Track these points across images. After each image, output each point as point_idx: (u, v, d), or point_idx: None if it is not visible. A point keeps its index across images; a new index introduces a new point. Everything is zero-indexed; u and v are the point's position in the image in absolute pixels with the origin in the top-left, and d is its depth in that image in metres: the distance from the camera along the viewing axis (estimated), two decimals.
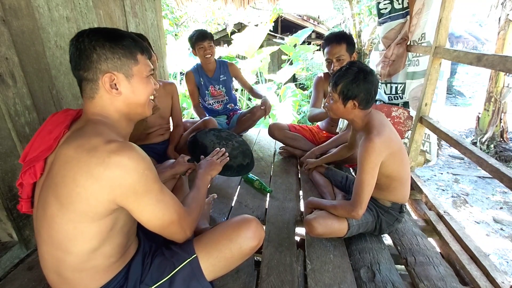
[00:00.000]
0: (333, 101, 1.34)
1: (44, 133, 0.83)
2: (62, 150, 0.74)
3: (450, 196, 3.87)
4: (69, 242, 0.74)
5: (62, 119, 0.85)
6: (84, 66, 0.78)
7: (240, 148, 1.54)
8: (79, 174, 0.69)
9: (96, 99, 0.81)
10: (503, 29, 4.73)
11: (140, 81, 0.84)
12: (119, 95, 0.81)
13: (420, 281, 1.21)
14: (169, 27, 8.45)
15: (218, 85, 2.58)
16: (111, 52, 0.78)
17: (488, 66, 1.42)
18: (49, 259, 0.78)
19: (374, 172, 1.21)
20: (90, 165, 0.68)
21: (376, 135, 1.20)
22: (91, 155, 0.69)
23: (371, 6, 5.41)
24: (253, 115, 2.56)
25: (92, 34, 0.78)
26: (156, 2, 2.47)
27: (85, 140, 0.72)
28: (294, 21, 8.67)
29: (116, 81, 0.80)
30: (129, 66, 0.81)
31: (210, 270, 0.95)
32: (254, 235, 0.99)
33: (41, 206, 0.76)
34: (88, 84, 0.80)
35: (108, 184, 0.70)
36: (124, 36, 0.81)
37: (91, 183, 0.69)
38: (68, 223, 0.72)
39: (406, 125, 2.46)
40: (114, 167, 0.69)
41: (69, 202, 0.70)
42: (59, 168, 0.72)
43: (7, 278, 1.20)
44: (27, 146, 0.84)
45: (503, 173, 1.28)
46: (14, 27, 1.25)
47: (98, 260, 0.79)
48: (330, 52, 1.85)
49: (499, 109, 5.01)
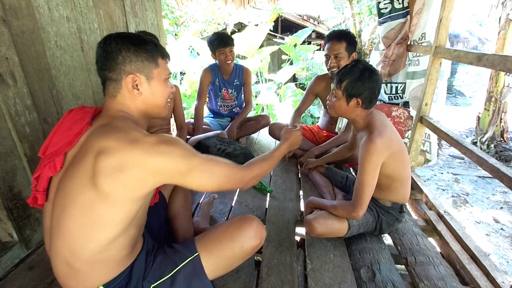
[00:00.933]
0: (336, 98, 1.33)
1: (63, 129, 0.87)
2: (95, 143, 0.78)
3: (450, 196, 3.87)
4: (96, 228, 0.77)
5: (80, 116, 0.89)
6: (110, 67, 0.85)
7: (242, 150, 1.55)
8: (125, 162, 0.74)
9: (118, 98, 0.87)
10: (503, 28, 4.72)
11: (159, 83, 0.91)
12: (140, 95, 0.88)
13: (420, 281, 1.21)
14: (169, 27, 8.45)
15: (231, 89, 2.56)
16: (135, 55, 0.85)
17: (489, 66, 1.42)
18: (65, 249, 0.79)
19: (375, 173, 1.21)
20: (134, 155, 0.75)
21: (378, 136, 1.20)
22: (134, 146, 0.76)
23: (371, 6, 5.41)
24: (258, 123, 2.57)
25: (119, 38, 0.85)
26: (156, 2, 2.47)
27: (123, 133, 0.78)
28: (294, 21, 8.67)
29: (137, 82, 0.86)
30: (150, 69, 0.88)
31: (212, 269, 0.95)
32: (255, 234, 1.00)
33: (68, 195, 0.79)
34: (112, 84, 0.87)
35: (153, 170, 0.77)
36: (147, 41, 0.88)
37: (137, 170, 0.75)
38: (104, 208, 0.76)
39: (406, 125, 2.47)
40: (158, 155, 0.76)
41: (112, 188, 0.75)
42: (96, 159, 0.75)
43: (8, 278, 1.21)
44: (46, 141, 0.88)
45: (503, 173, 1.28)
46: (14, 27, 1.25)
47: (113, 251, 0.82)
48: (330, 48, 1.87)
49: (500, 109, 5.01)
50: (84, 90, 1.68)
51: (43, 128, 1.41)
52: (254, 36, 5.48)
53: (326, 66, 1.95)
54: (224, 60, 2.34)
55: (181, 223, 1.26)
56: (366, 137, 1.23)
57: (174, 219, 1.27)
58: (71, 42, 1.57)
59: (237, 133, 2.58)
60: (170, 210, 1.29)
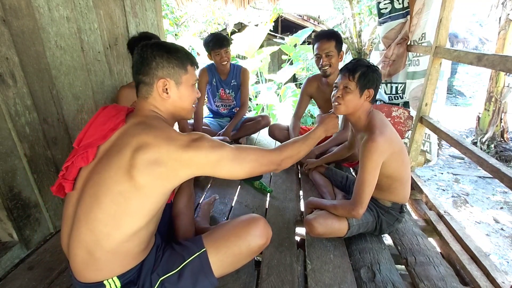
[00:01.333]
0: (347, 92, 1.27)
1: (97, 123, 0.94)
2: (132, 139, 0.85)
3: (451, 196, 3.87)
4: (125, 217, 0.83)
5: (114, 113, 0.95)
6: (144, 71, 0.93)
7: None
8: (161, 157, 0.82)
9: (149, 99, 0.96)
10: (503, 28, 4.72)
11: (187, 88, 0.99)
12: (168, 99, 0.96)
13: (420, 281, 1.21)
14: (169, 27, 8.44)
15: (228, 89, 2.56)
16: (167, 62, 0.93)
17: (489, 66, 1.42)
18: (89, 237, 0.83)
19: (376, 172, 1.21)
20: (170, 150, 0.83)
21: (379, 135, 1.20)
22: (169, 142, 0.84)
23: (371, 6, 5.40)
24: (258, 124, 2.56)
25: (155, 46, 0.94)
26: (156, 2, 2.47)
27: (160, 131, 0.87)
28: (294, 21, 8.66)
29: (167, 86, 0.94)
30: (180, 75, 0.96)
31: (218, 266, 0.98)
32: (262, 233, 1.03)
33: (101, 185, 0.83)
34: (145, 87, 0.95)
35: (186, 162, 0.85)
36: (179, 49, 0.97)
37: (172, 163, 0.84)
38: (136, 199, 0.83)
39: (406, 125, 2.47)
40: (190, 149, 0.85)
41: (147, 180, 0.82)
42: (136, 151, 0.82)
43: (7, 278, 1.21)
44: (81, 133, 0.95)
45: (503, 173, 1.28)
46: (14, 27, 1.25)
47: (134, 243, 0.88)
48: (320, 48, 1.90)
49: (500, 109, 5.01)
50: (84, 90, 1.68)
51: (43, 128, 1.41)
52: (254, 36, 5.49)
53: (318, 66, 1.99)
54: (219, 61, 2.34)
55: (183, 222, 1.26)
56: (368, 137, 1.23)
57: (176, 218, 1.27)
58: (71, 42, 1.57)
59: (237, 134, 2.58)
60: (173, 209, 1.29)
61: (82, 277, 0.86)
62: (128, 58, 2.09)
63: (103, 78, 1.84)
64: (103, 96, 1.84)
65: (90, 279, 0.86)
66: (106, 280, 0.86)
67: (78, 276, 0.87)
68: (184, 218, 1.27)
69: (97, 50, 1.77)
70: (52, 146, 1.47)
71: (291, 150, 1.10)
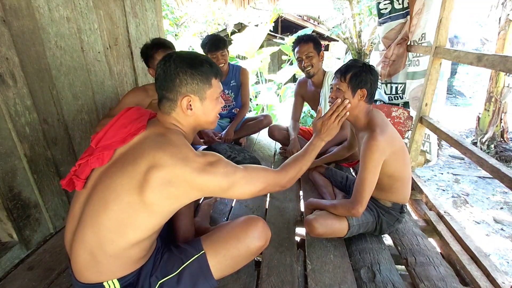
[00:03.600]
0: (340, 93, 1.30)
1: (118, 126, 0.93)
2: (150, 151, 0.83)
3: (451, 196, 3.87)
4: (131, 228, 0.83)
5: (135, 117, 0.94)
6: (167, 87, 0.90)
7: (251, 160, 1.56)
8: (175, 178, 0.81)
9: (172, 115, 0.93)
10: (503, 29, 4.72)
11: (211, 102, 0.96)
12: (193, 115, 0.94)
13: (420, 281, 1.20)
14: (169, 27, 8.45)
15: (228, 90, 2.55)
16: (191, 78, 0.90)
17: (489, 66, 1.42)
18: (93, 239, 0.82)
19: (376, 171, 1.21)
20: (185, 172, 0.82)
21: (380, 133, 1.20)
22: (185, 163, 0.82)
23: (371, 6, 5.41)
24: (260, 123, 2.56)
25: (178, 60, 0.90)
26: (156, 2, 2.47)
27: (177, 149, 0.85)
28: (294, 21, 8.67)
29: (191, 103, 0.92)
30: (204, 90, 0.93)
31: (217, 268, 0.98)
32: (261, 235, 1.03)
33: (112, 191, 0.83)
34: (168, 102, 0.92)
35: (199, 186, 0.85)
36: (203, 62, 0.93)
37: (184, 185, 0.83)
38: (143, 212, 0.82)
39: (406, 125, 2.47)
40: (204, 174, 0.84)
41: (156, 199, 0.81)
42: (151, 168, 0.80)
43: (7, 278, 1.21)
44: (100, 133, 0.93)
45: (503, 173, 1.28)
46: (14, 28, 1.25)
47: (136, 250, 0.87)
48: (300, 51, 2.02)
49: (500, 109, 5.01)
50: (84, 91, 1.68)
51: (43, 128, 1.41)
52: (254, 36, 5.49)
53: (301, 68, 2.09)
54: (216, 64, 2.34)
55: (182, 222, 1.26)
56: (368, 135, 1.23)
57: (176, 219, 1.27)
58: (71, 42, 1.57)
59: (239, 133, 2.58)
60: None
61: (83, 277, 0.86)
62: (128, 58, 2.09)
63: (103, 78, 1.84)
64: (103, 96, 1.84)
65: (90, 280, 0.86)
66: (106, 282, 0.86)
67: (78, 276, 0.87)
68: (184, 218, 1.27)
69: (97, 50, 1.77)
70: (52, 146, 1.47)
71: (294, 170, 1.10)
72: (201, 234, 1.10)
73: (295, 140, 2.20)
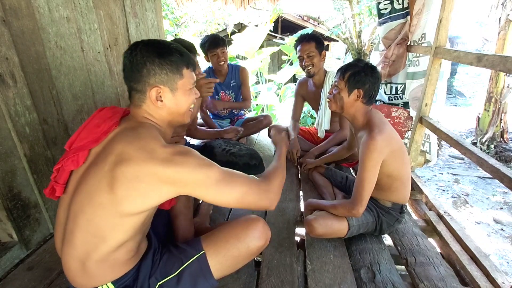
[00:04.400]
0: (337, 90, 1.34)
1: (91, 126, 0.89)
2: (119, 147, 0.80)
3: (450, 197, 3.87)
4: (108, 230, 0.79)
5: (109, 115, 0.91)
6: (135, 78, 0.86)
7: (248, 151, 1.52)
8: (142, 172, 0.76)
9: (142, 107, 0.89)
10: (503, 29, 4.72)
11: (183, 93, 0.91)
12: (163, 107, 0.89)
13: (420, 282, 1.20)
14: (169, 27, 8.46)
15: (228, 90, 2.55)
16: (160, 68, 0.85)
17: (489, 66, 1.42)
18: (81, 246, 0.81)
19: (375, 170, 1.21)
20: (153, 164, 0.77)
21: (378, 133, 1.20)
22: (151, 155, 0.77)
23: (371, 7, 5.41)
24: (260, 123, 2.56)
25: (145, 49, 0.85)
26: (156, 2, 2.47)
27: (144, 142, 0.80)
28: (294, 21, 8.67)
29: (161, 94, 0.87)
30: (175, 81, 0.88)
31: (217, 268, 0.97)
32: (261, 235, 1.02)
33: (86, 193, 0.80)
34: (137, 94, 0.88)
35: (168, 180, 0.78)
36: (172, 51, 0.87)
37: (152, 180, 0.77)
38: (115, 213, 0.78)
39: (406, 126, 2.47)
40: (173, 165, 0.77)
41: (126, 195, 0.77)
42: (120, 164, 0.77)
43: (7, 279, 1.20)
44: (73, 135, 0.90)
45: (503, 174, 1.28)
46: (14, 27, 1.25)
47: (121, 253, 0.85)
48: (301, 50, 2.01)
49: (499, 109, 5.01)
50: (84, 91, 1.68)
51: (43, 128, 1.41)
52: (254, 36, 5.49)
53: (301, 67, 2.09)
54: (216, 62, 2.33)
55: (182, 222, 1.26)
56: (367, 135, 1.23)
57: (175, 219, 1.27)
58: (71, 42, 1.57)
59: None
60: (172, 210, 1.29)
61: (77, 283, 0.85)
62: None
63: (103, 78, 1.84)
64: (103, 97, 1.84)
65: (84, 286, 0.85)
66: (100, 287, 0.85)
67: (72, 282, 0.86)
68: (183, 218, 1.27)
69: (97, 51, 1.77)
70: (52, 146, 1.47)
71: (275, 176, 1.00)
72: (201, 234, 1.09)
73: (295, 140, 2.20)
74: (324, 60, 2.08)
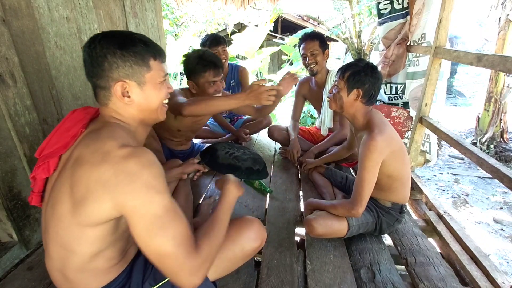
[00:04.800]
0: (337, 89, 1.34)
1: (62, 130, 0.83)
2: (78, 150, 0.74)
3: (450, 196, 3.87)
4: (74, 242, 0.74)
5: (81, 117, 0.85)
6: (96, 74, 0.79)
7: (252, 155, 1.47)
8: (90, 179, 0.68)
9: (109, 106, 0.82)
10: (503, 29, 4.72)
11: (153, 87, 0.83)
12: (132, 103, 0.81)
13: (420, 282, 1.21)
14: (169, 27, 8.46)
15: (227, 90, 2.55)
16: (122, 60, 0.77)
17: (488, 66, 1.42)
18: (55, 257, 0.78)
19: (375, 171, 1.21)
20: (101, 170, 0.68)
21: (378, 134, 1.20)
22: (104, 159, 0.69)
23: (371, 7, 5.40)
24: (259, 124, 2.57)
25: (104, 41, 0.77)
26: (156, 2, 2.47)
27: (100, 143, 0.72)
28: (294, 21, 8.68)
29: (128, 89, 0.79)
30: (141, 74, 0.80)
31: (213, 271, 0.95)
32: (256, 236, 1.00)
33: (51, 204, 0.76)
34: (101, 91, 0.81)
35: (112, 190, 0.68)
36: (135, 41, 0.79)
37: (99, 188, 0.68)
38: (74, 225, 0.72)
39: (406, 125, 2.47)
40: (120, 172, 0.67)
41: (80, 204, 0.70)
42: (75, 169, 0.71)
43: (7, 278, 1.20)
44: (44, 141, 0.84)
45: (503, 173, 1.28)
46: (14, 27, 1.25)
47: (100, 262, 0.79)
48: (305, 48, 2.03)
49: (499, 109, 5.01)
50: (84, 91, 1.68)
51: (43, 128, 1.41)
52: (254, 36, 5.49)
53: (305, 65, 2.10)
54: None
55: None
56: (367, 135, 1.23)
57: None
58: (71, 42, 1.57)
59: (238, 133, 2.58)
60: None
61: None
62: None
63: None
64: None
65: None
66: None
67: None
68: None
69: None
70: None
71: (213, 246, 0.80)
72: None
73: (295, 141, 2.21)
74: (327, 58, 2.09)
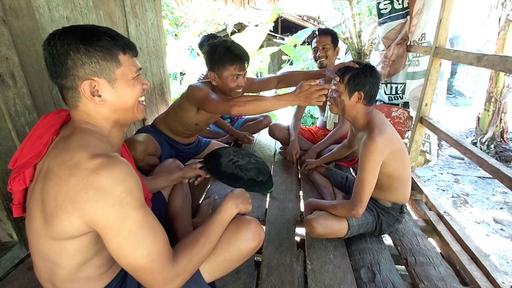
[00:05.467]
0: (338, 93, 1.33)
1: (34, 138, 0.77)
2: (47, 162, 0.70)
3: (450, 196, 3.87)
4: (55, 256, 0.70)
5: (52, 122, 0.79)
6: (60, 74, 0.71)
7: (257, 165, 1.38)
8: (59, 194, 0.64)
9: (80, 108, 0.74)
10: (503, 29, 4.72)
11: (126, 84, 0.76)
12: (103, 103, 0.74)
13: (420, 282, 1.20)
14: (169, 27, 8.46)
15: None
16: (87, 56, 0.70)
17: (488, 66, 1.42)
18: (41, 269, 0.76)
19: (375, 171, 1.21)
20: (69, 184, 0.63)
21: (378, 134, 1.20)
22: (72, 173, 0.64)
23: (371, 6, 5.40)
24: (260, 123, 2.57)
25: (64, 37, 0.69)
26: (156, 2, 2.47)
27: (69, 155, 0.66)
28: (294, 21, 8.68)
29: (97, 88, 0.72)
30: (111, 70, 0.73)
31: (210, 273, 0.94)
32: (253, 236, 0.97)
33: (28, 217, 0.73)
34: (69, 92, 0.73)
35: (82, 206, 0.63)
36: (100, 35, 0.71)
37: (68, 204, 0.63)
38: (50, 239, 0.68)
39: (406, 125, 2.47)
40: (90, 188, 0.62)
41: (51, 219, 0.66)
42: (44, 183, 0.67)
43: (7, 278, 1.20)
44: (17, 151, 0.78)
45: (503, 173, 1.28)
46: (14, 27, 1.25)
47: (88, 270, 0.76)
48: (318, 41, 2.09)
49: (499, 109, 5.01)
50: None
51: None
52: (254, 36, 5.49)
53: (315, 58, 2.14)
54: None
55: (180, 223, 1.26)
56: (367, 136, 1.23)
57: (173, 220, 1.27)
58: None
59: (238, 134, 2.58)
60: (169, 211, 1.28)
61: None
62: None
63: None
64: None
65: None
66: None
67: None
68: (181, 219, 1.26)
69: None
70: None
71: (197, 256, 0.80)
72: None
73: (295, 141, 2.20)
74: (337, 55, 2.14)
